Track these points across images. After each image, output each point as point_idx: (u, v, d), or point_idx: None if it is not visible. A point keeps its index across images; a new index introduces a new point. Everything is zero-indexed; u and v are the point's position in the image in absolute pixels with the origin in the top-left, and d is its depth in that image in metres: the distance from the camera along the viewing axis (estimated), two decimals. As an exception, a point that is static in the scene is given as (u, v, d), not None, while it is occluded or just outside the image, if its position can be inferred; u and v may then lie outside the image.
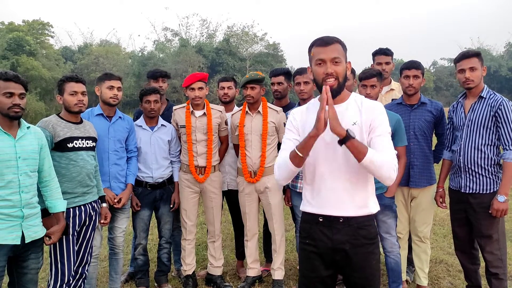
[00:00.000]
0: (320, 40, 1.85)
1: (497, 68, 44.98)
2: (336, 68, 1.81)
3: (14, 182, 2.14)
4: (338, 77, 1.81)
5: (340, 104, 1.87)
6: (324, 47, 1.82)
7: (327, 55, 1.80)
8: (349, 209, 1.83)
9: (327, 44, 1.82)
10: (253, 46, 37.91)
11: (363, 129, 1.81)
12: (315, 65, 1.84)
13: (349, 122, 1.82)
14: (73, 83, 2.63)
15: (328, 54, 1.80)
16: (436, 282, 3.51)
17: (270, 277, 3.46)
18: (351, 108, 1.86)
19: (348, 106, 1.87)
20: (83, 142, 2.67)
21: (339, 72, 1.81)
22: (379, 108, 1.86)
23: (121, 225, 3.13)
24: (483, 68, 2.76)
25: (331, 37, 1.85)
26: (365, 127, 1.81)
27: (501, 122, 2.65)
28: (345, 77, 1.86)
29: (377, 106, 1.88)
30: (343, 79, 1.84)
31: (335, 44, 1.82)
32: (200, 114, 3.29)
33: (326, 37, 1.85)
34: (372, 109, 1.84)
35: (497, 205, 2.63)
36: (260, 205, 3.49)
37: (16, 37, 26.95)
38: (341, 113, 1.81)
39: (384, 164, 1.70)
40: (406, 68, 3.10)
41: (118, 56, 35.86)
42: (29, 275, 2.28)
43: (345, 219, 1.83)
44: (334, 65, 1.81)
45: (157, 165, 3.29)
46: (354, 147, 1.69)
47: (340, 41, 1.86)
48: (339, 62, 1.81)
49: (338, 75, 1.81)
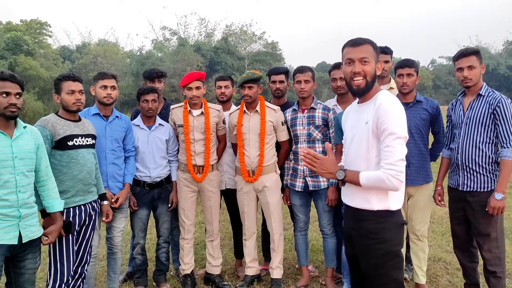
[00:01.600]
0: (351, 41, 1.96)
1: (495, 66, 45.08)
2: (364, 67, 1.90)
3: (11, 182, 2.14)
4: (366, 76, 1.90)
5: (365, 103, 1.99)
6: (354, 47, 1.93)
7: (356, 55, 1.91)
8: (355, 201, 1.99)
9: (356, 45, 1.93)
10: (251, 45, 37.95)
11: (371, 129, 1.89)
12: (344, 64, 1.97)
13: (364, 121, 1.93)
14: (70, 82, 2.62)
15: (356, 54, 1.91)
16: (434, 280, 3.51)
17: (269, 276, 3.46)
18: (370, 107, 1.94)
19: (369, 105, 1.95)
20: (83, 139, 2.66)
21: (368, 71, 1.90)
22: (384, 107, 1.85)
23: (119, 225, 3.12)
24: (481, 66, 2.76)
25: (362, 38, 1.96)
26: (373, 127, 1.88)
27: (499, 119, 2.65)
28: (374, 76, 1.93)
29: (384, 104, 1.86)
30: (371, 78, 1.92)
31: (365, 45, 1.92)
32: (197, 113, 3.29)
33: (357, 38, 1.96)
34: (378, 109, 1.87)
35: (493, 202, 2.62)
36: (258, 204, 3.48)
37: (14, 36, 26.89)
38: (362, 111, 1.98)
39: (378, 181, 1.84)
40: (399, 67, 3.11)
41: (116, 55, 35.80)
42: (26, 275, 2.27)
43: (354, 209, 2.01)
44: (362, 64, 1.90)
45: (154, 164, 3.29)
46: (350, 182, 1.95)
47: (372, 43, 1.95)
48: (368, 62, 1.90)
49: (366, 74, 1.90)
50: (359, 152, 1.95)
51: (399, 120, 1.84)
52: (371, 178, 1.86)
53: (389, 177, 1.81)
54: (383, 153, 1.84)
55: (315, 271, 3.72)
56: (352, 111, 2.11)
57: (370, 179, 1.87)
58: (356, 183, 1.91)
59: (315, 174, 3.19)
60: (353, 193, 2.00)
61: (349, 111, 2.17)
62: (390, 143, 1.82)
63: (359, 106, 2.03)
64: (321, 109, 3.24)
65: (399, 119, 1.84)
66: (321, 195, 3.23)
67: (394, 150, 1.82)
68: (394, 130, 1.82)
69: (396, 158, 1.81)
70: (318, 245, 4.31)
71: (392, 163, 1.81)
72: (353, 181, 1.91)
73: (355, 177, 1.90)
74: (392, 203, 1.93)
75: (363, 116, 1.95)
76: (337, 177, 1.94)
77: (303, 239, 3.43)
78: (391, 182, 1.82)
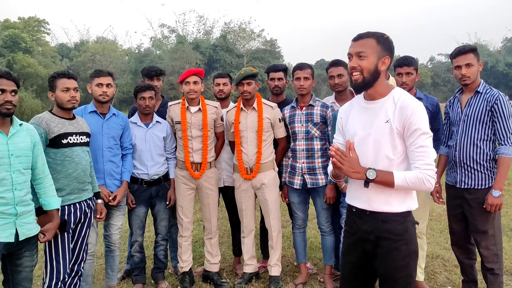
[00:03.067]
0: (356, 35, 1.87)
1: (494, 64, 45.11)
2: (360, 62, 1.81)
3: (7, 180, 2.12)
4: (362, 71, 1.81)
5: (377, 100, 1.89)
6: (354, 42, 1.85)
7: (353, 49, 1.84)
8: (374, 204, 1.88)
9: (356, 39, 1.85)
10: (250, 42, 37.91)
11: (393, 128, 1.80)
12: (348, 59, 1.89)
13: (383, 120, 1.83)
14: (65, 80, 2.60)
15: (354, 48, 1.84)
16: (432, 277, 3.52)
17: (267, 274, 3.46)
18: (388, 105, 1.84)
19: (385, 102, 1.86)
20: (78, 137, 2.65)
21: (364, 66, 1.81)
22: (411, 106, 1.78)
23: (117, 223, 3.12)
24: (479, 63, 2.75)
25: (366, 32, 1.86)
26: (397, 126, 1.79)
27: (497, 116, 2.64)
28: (374, 72, 1.82)
29: (410, 104, 1.79)
30: (368, 73, 1.82)
31: (366, 39, 1.82)
32: (195, 110, 3.28)
33: (362, 32, 1.87)
34: (404, 109, 1.78)
35: (491, 199, 2.62)
36: (256, 202, 3.48)
37: (12, 34, 26.79)
38: (376, 109, 1.86)
39: (416, 182, 1.76)
40: (398, 66, 3.10)
41: (114, 53, 35.71)
42: (24, 273, 2.26)
43: (371, 212, 1.90)
44: (359, 59, 1.82)
45: (152, 162, 3.28)
46: (380, 183, 1.80)
47: (377, 37, 1.83)
48: (364, 57, 1.81)
49: (362, 70, 1.81)
50: (378, 151, 1.84)
51: (427, 119, 1.81)
52: (408, 179, 1.76)
53: (428, 178, 1.76)
54: (416, 153, 1.77)
55: (313, 269, 3.72)
56: (359, 108, 1.96)
57: (407, 180, 1.76)
58: (389, 184, 1.79)
59: (313, 172, 3.19)
60: (369, 196, 1.88)
61: (350, 108, 2.03)
62: (424, 143, 1.77)
63: (368, 104, 1.91)
64: (319, 107, 3.23)
65: (426, 117, 1.81)
66: (320, 192, 3.23)
67: (429, 150, 1.78)
68: (426, 129, 1.77)
69: (432, 158, 1.79)
70: (316, 243, 4.31)
71: (429, 163, 1.77)
72: (386, 181, 1.78)
73: (389, 177, 1.77)
74: (413, 204, 1.90)
75: (380, 114, 1.84)
76: (368, 177, 1.78)
77: (301, 237, 3.43)
78: (429, 183, 1.77)
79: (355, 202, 1.97)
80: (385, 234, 1.86)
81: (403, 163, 1.85)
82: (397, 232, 1.85)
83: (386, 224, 1.86)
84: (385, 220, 1.86)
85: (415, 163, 1.79)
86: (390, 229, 1.85)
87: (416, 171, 1.77)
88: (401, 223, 1.86)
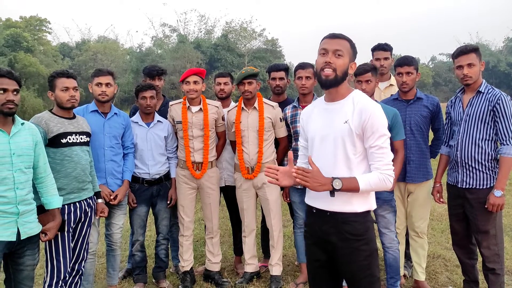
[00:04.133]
0: (330, 34, 1.91)
1: (495, 63, 45.01)
2: (336, 60, 1.85)
3: (9, 179, 2.13)
4: (336, 70, 1.84)
5: (338, 101, 1.93)
6: (330, 39, 1.88)
7: (331, 46, 1.86)
8: (334, 205, 1.89)
9: (334, 38, 1.89)
10: (251, 42, 37.87)
11: (352, 129, 1.84)
12: (318, 54, 1.90)
13: (342, 120, 1.87)
14: (64, 79, 2.60)
15: (332, 45, 1.86)
16: (433, 277, 3.51)
17: (268, 273, 3.46)
18: (347, 106, 1.89)
19: (345, 104, 1.90)
20: (77, 137, 2.65)
21: (339, 65, 1.85)
22: (370, 109, 1.83)
23: (118, 222, 3.12)
24: (481, 63, 2.74)
25: (341, 33, 1.91)
26: (356, 127, 1.84)
27: (499, 116, 2.64)
28: (345, 73, 1.87)
29: (369, 107, 1.83)
30: (341, 73, 1.86)
31: (343, 40, 1.89)
32: (196, 109, 3.28)
33: (338, 33, 1.91)
34: (362, 111, 1.83)
35: (493, 199, 2.62)
36: (257, 201, 3.48)
37: (13, 33, 26.86)
38: (336, 110, 1.90)
39: (378, 183, 1.82)
40: (398, 66, 3.10)
41: (116, 52, 35.79)
42: (25, 272, 2.27)
43: (331, 213, 1.91)
44: (336, 57, 1.85)
45: (153, 161, 3.28)
46: (346, 191, 1.81)
47: (350, 40, 1.90)
48: (341, 56, 1.85)
49: (336, 68, 1.84)
50: (337, 151, 1.87)
51: (385, 120, 1.87)
52: (371, 182, 1.81)
53: (388, 177, 1.83)
54: (376, 155, 1.83)
55: (314, 268, 3.72)
56: (320, 110, 1.99)
57: (370, 183, 1.81)
58: (354, 190, 1.81)
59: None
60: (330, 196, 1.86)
61: (311, 110, 2.05)
62: (383, 145, 1.83)
63: (328, 105, 1.94)
64: (320, 106, 3.22)
65: (385, 119, 1.86)
66: (320, 192, 3.22)
67: (387, 151, 1.85)
68: (384, 131, 1.84)
69: (390, 158, 1.86)
70: (317, 242, 4.31)
71: (388, 163, 1.84)
72: (352, 188, 1.80)
73: (354, 184, 1.80)
74: (372, 203, 1.95)
75: (340, 115, 1.88)
76: (334, 187, 1.78)
77: (302, 236, 3.43)
78: (389, 182, 1.83)
79: (315, 202, 1.96)
80: (346, 235, 1.88)
81: (362, 163, 1.89)
82: (357, 233, 1.88)
83: (346, 226, 1.88)
84: (345, 221, 1.88)
85: (374, 164, 1.85)
86: (350, 230, 1.87)
87: (377, 172, 1.83)
88: (361, 223, 1.89)
